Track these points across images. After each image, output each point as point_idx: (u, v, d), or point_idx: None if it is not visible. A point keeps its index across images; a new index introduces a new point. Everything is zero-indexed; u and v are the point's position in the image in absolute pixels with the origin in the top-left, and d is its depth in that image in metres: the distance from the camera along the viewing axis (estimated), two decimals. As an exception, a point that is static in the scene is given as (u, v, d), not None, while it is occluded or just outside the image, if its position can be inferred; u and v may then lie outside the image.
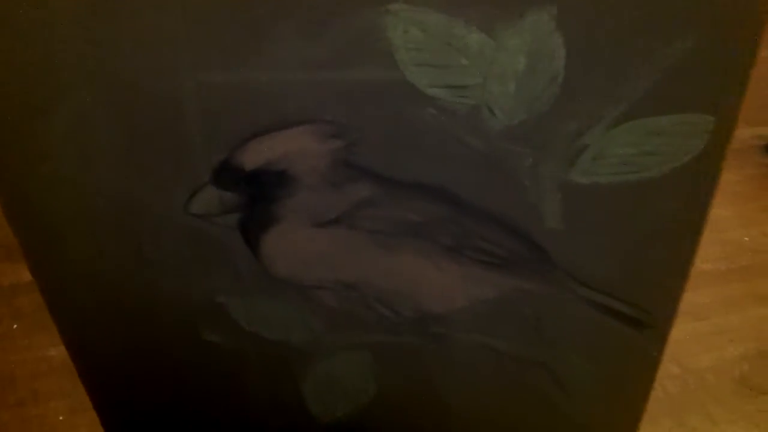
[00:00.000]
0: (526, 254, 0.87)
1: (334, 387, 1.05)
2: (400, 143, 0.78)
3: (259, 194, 0.81)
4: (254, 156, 0.78)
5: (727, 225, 1.97)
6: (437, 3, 0.69)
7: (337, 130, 0.77)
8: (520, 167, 0.79)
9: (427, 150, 0.78)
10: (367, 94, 0.74)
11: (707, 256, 1.86)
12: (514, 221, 0.85)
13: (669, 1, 0.69)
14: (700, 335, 1.68)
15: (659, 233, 0.86)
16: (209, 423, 1.10)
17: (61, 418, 1.48)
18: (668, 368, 1.60)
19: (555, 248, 0.87)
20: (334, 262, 0.88)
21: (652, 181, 0.81)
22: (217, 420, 1.10)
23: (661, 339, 0.98)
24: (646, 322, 0.95)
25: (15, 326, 1.67)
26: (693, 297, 1.74)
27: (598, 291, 0.91)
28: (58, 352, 1.59)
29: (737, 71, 0.73)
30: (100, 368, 1.04)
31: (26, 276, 1.40)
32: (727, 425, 1.50)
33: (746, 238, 1.94)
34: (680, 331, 1.67)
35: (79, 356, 1.01)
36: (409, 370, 1.03)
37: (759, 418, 1.51)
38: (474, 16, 0.69)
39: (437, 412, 1.08)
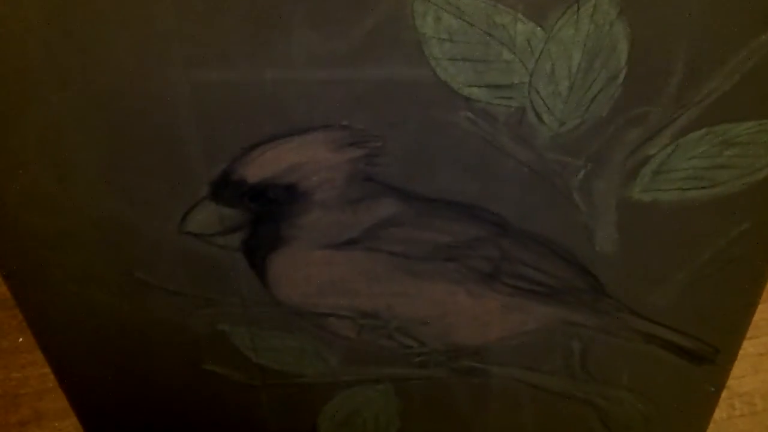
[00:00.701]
0: (573, 281, 0.77)
1: (353, 424, 0.96)
2: (429, 153, 0.68)
3: (264, 211, 0.72)
4: (258, 167, 0.68)
5: (774, 236, 1.86)
6: (476, -15, 0.58)
7: (355, 138, 0.67)
8: (570, 182, 0.69)
9: (461, 161, 0.68)
10: (390, 95, 0.64)
11: None
12: (561, 244, 0.74)
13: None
14: (747, 355, 1.59)
15: (726, 258, 0.76)
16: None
17: (65, 439, 1.39)
18: None
19: (607, 275, 0.77)
20: (351, 288, 0.78)
21: (722, 198, 0.70)
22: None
23: (723, 374, 0.89)
24: (707, 356, 0.85)
25: (20, 339, 1.60)
26: None
27: (654, 323, 0.81)
28: (63, 368, 1.52)
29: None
30: (92, 399, 0.95)
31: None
32: (777, 456, 1.40)
33: (794, 251, 1.82)
34: None
35: (68, 387, 0.93)
36: (437, 406, 0.93)
37: (813, 449, 1.41)
38: (520, 2, 0.59)
39: (468, 453, 0.98)
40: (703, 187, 0.70)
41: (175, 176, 0.70)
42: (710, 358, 0.85)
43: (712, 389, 0.89)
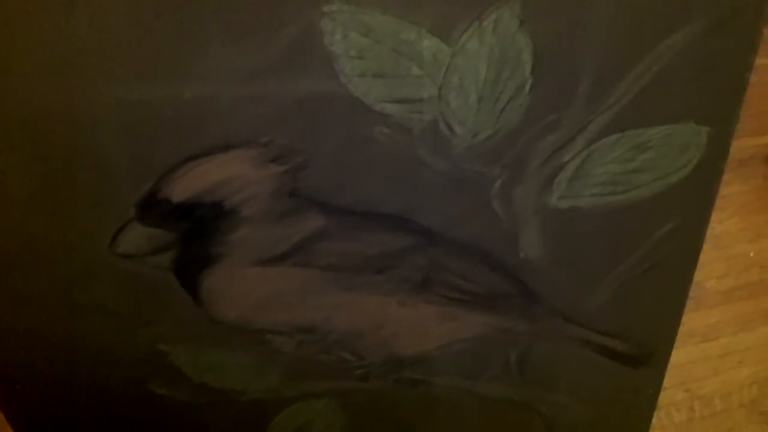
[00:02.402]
0: (503, 289, 0.78)
1: (299, 440, 0.95)
2: (351, 167, 0.68)
3: (192, 230, 0.72)
4: (183, 186, 0.68)
5: (732, 239, 1.89)
6: (381, 3, 0.59)
7: (277, 154, 0.67)
8: (489, 191, 0.70)
9: (382, 174, 0.69)
10: (307, 111, 0.65)
11: (712, 273, 1.78)
12: (488, 252, 0.75)
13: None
14: (707, 357, 1.61)
15: (652, 260, 0.77)
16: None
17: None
18: (674, 394, 1.53)
19: (536, 281, 0.78)
20: (285, 303, 0.78)
21: (641, 202, 0.71)
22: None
23: (658, 375, 0.89)
24: (641, 358, 0.85)
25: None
26: (698, 317, 1.68)
27: (586, 327, 0.82)
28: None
29: (736, 73, 0.64)
30: (36, 423, 0.94)
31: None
32: (736, 454, 1.41)
33: (752, 253, 1.84)
34: (686, 353, 1.62)
35: (11, 411, 0.92)
36: (383, 419, 0.94)
37: (771, 446, 1.42)
38: (425, 18, 0.60)
39: (416, 463, 0.98)
40: (621, 192, 0.71)
41: (102, 196, 0.70)
42: (645, 361, 0.86)
43: (650, 391, 0.90)
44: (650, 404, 0.92)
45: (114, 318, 0.81)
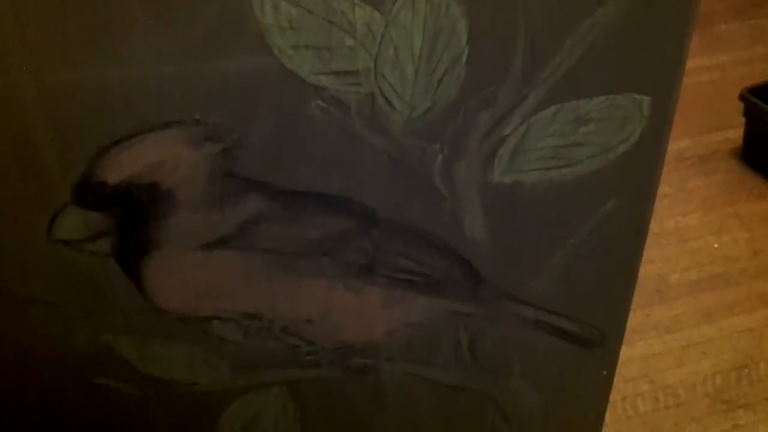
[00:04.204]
0: (450, 270, 0.77)
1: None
2: (288, 146, 0.67)
3: (131, 213, 0.70)
4: (117, 168, 0.67)
5: (695, 233, 1.90)
6: (310, -28, 0.58)
7: (210, 133, 0.66)
8: (430, 167, 0.69)
9: (322, 153, 0.68)
10: (240, 87, 0.63)
11: (676, 266, 1.80)
12: (432, 232, 0.74)
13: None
14: (671, 349, 1.62)
15: (597, 239, 0.76)
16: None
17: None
18: (638, 385, 1.55)
19: (482, 261, 0.77)
20: (230, 289, 0.77)
21: (584, 176, 0.71)
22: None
23: (612, 356, 0.89)
24: (593, 339, 0.85)
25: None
26: (662, 309, 1.70)
27: (536, 307, 0.81)
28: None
29: (674, 41, 0.63)
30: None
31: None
32: (702, 444, 1.42)
33: (716, 245, 1.86)
34: (650, 345, 1.63)
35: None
36: (335, 407, 0.92)
37: (736, 435, 1.43)
38: (356, -14, 0.59)
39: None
40: (563, 166, 0.70)
41: (34, 183, 0.68)
42: (597, 342, 0.86)
43: (604, 373, 0.89)
44: (605, 388, 0.92)
45: (54, 310, 0.79)
